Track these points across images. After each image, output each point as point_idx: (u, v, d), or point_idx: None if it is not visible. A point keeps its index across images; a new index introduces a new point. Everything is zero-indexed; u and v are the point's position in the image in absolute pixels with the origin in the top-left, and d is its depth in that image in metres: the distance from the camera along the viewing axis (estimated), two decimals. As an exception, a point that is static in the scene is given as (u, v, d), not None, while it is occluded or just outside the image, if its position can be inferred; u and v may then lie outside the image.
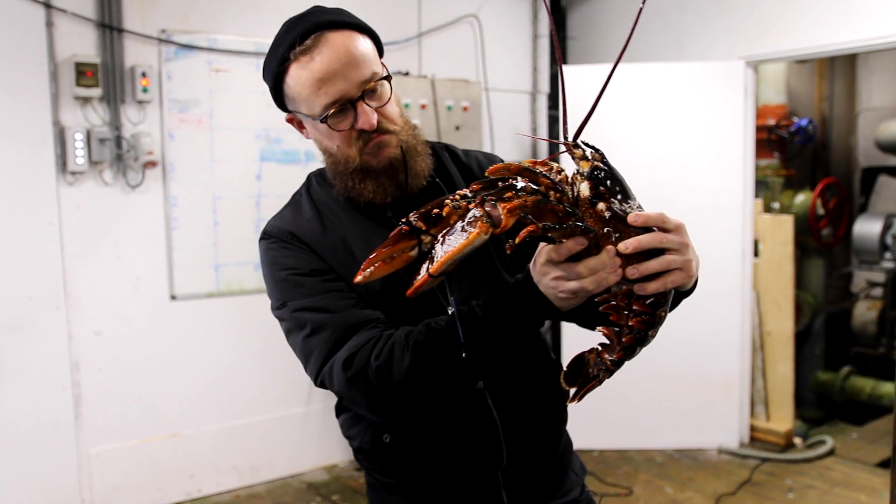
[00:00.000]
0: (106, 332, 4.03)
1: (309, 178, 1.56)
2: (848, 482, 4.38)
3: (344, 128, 1.36)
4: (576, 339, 4.75)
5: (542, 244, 1.17)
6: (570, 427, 1.63)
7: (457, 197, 1.11)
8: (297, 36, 1.34)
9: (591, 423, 4.70)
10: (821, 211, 5.68)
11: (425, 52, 4.92)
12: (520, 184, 1.09)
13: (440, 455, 1.46)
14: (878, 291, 6.04)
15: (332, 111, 1.34)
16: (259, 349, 4.43)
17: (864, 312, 5.89)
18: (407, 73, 4.72)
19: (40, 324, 3.85)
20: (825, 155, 6.66)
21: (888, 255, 5.68)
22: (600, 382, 1.27)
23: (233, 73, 4.28)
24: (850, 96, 6.77)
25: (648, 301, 1.19)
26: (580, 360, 1.27)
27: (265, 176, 4.44)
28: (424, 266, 1.08)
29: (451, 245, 1.06)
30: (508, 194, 1.07)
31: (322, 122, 1.35)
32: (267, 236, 1.47)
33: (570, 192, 1.14)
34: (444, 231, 1.08)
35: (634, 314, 1.20)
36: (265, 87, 1.44)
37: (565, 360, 1.82)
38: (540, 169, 1.12)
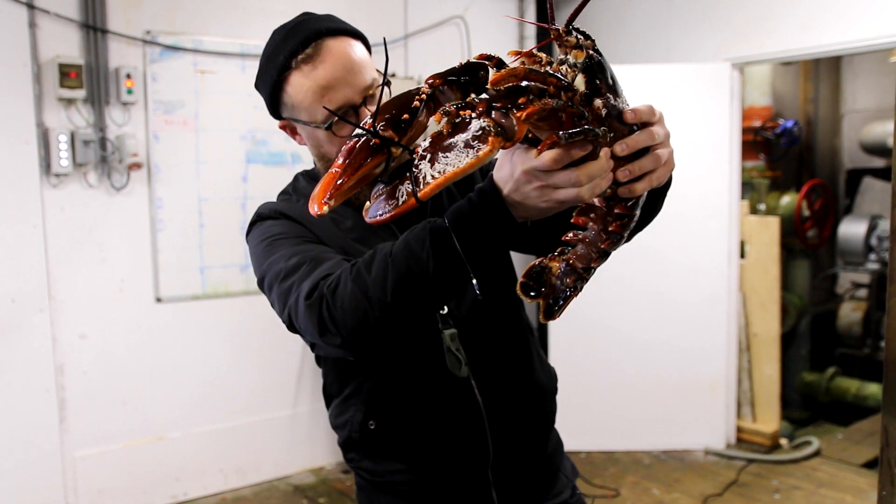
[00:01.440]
0: (91, 334, 4.01)
1: (296, 176, 1.58)
2: (834, 483, 4.40)
3: (346, 134, 1.36)
4: (565, 339, 4.75)
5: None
6: (557, 428, 1.63)
7: (449, 107, 0.94)
8: (297, 44, 1.35)
9: (578, 424, 4.70)
10: (806, 212, 5.70)
11: (412, 54, 4.91)
12: (526, 86, 0.93)
13: (426, 444, 1.46)
14: (862, 292, 6.07)
15: (335, 119, 1.35)
16: (245, 352, 4.42)
17: (850, 313, 5.92)
18: (393, 75, 4.71)
19: (24, 326, 3.81)
20: (810, 157, 6.68)
21: (873, 256, 5.71)
22: (578, 292, 1.14)
23: (218, 75, 4.26)
24: (834, 98, 6.80)
25: (629, 203, 1.09)
26: (541, 269, 1.12)
27: (251, 178, 4.42)
28: (406, 187, 0.93)
29: (450, 164, 0.90)
30: (522, 100, 0.91)
31: (327, 129, 1.36)
32: (259, 218, 1.47)
33: (577, 90, 0.98)
34: (435, 145, 0.92)
35: (615, 218, 1.10)
36: (251, 89, 1.44)
37: (554, 359, 1.82)
38: (546, 68, 0.97)
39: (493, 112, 0.91)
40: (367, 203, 0.99)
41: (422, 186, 0.90)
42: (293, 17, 1.42)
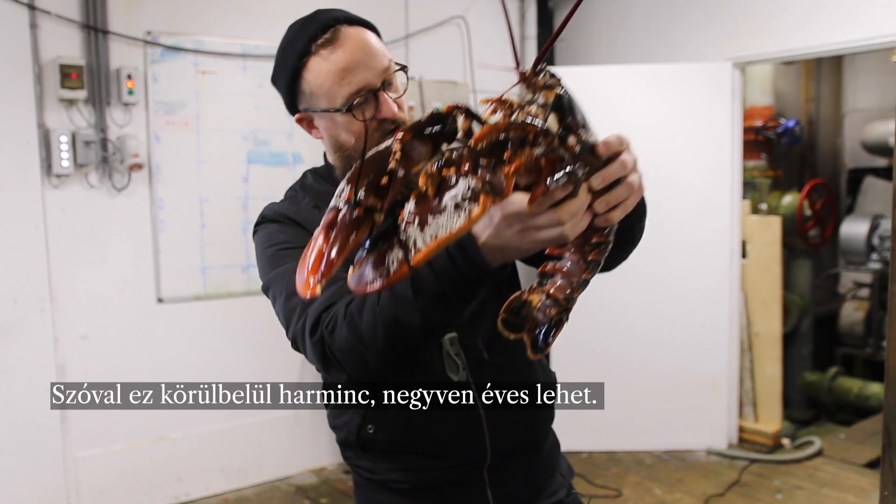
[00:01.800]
0: (92, 335, 4.00)
1: (305, 174, 1.58)
2: (836, 483, 4.39)
3: (366, 117, 1.38)
4: (567, 339, 4.74)
5: None
6: (559, 428, 1.63)
7: (432, 168, 0.91)
8: (316, 30, 1.37)
9: (580, 424, 4.70)
10: (808, 212, 5.70)
11: (412, 54, 4.91)
12: (507, 138, 0.93)
13: (424, 447, 1.46)
14: (864, 292, 6.06)
15: (356, 101, 1.36)
16: (246, 352, 4.41)
17: (851, 313, 5.91)
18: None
19: (25, 327, 3.81)
20: (812, 156, 6.68)
21: (875, 255, 5.70)
22: (563, 324, 1.14)
23: (219, 75, 4.25)
24: (836, 98, 6.79)
25: (605, 230, 1.11)
26: (521, 303, 1.13)
27: (252, 178, 4.42)
28: (396, 254, 0.89)
29: (442, 227, 0.87)
30: (507, 154, 0.91)
31: (347, 111, 1.37)
32: (263, 220, 1.48)
33: (554, 133, 0.98)
34: (423, 208, 0.89)
35: (593, 247, 1.12)
36: (252, 89, 1.45)
37: (555, 359, 1.81)
38: (521, 118, 0.96)
39: (480, 170, 0.89)
40: (351, 268, 0.96)
41: (413, 252, 0.88)
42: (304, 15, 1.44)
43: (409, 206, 0.90)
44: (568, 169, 0.96)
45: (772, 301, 5.00)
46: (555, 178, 0.94)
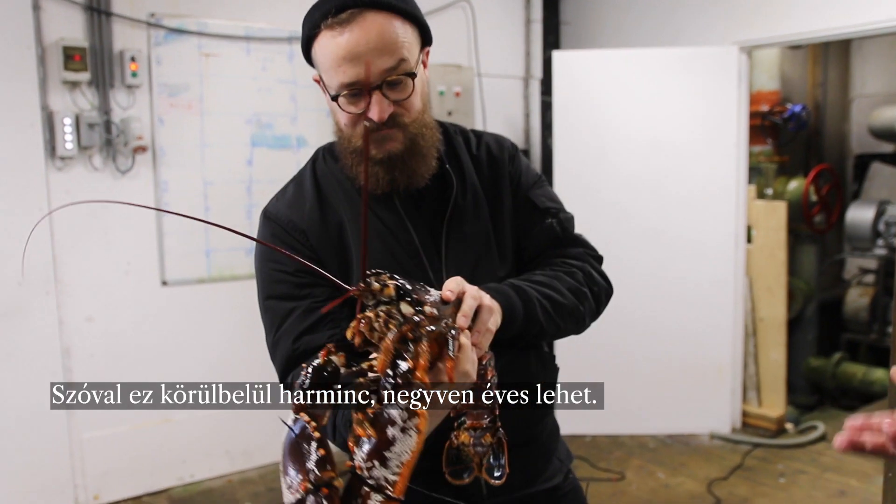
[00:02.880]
0: (97, 318, 4.01)
1: (317, 152, 1.55)
2: (839, 467, 4.40)
3: (353, 111, 1.33)
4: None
5: None
6: (563, 412, 1.62)
7: (360, 416, 0.95)
8: (334, 5, 1.29)
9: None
10: (814, 197, 5.68)
11: (418, 37, 4.88)
12: (398, 354, 1.00)
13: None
14: (870, 278, 6.05)
15: (345, 92, 1.32)
16: (250, 334, 4.39)
17: (856, 299, 5.90)
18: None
19: (31, 310, 3.82)
20: (818, 141, 6.65)
21: (880, 241, 5.69)
22: (505, 440, 1.25)
23: (223, 58, 4.24)
24: (843, 83, 6.75)
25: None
26: (456, 450, 1.25)
27: (256, 161, 4.41)
28: (375, 499, 0.90)
29: (403, 453, 0.91)
30: (406, 364, 0.98)
31: (333, 99, 1.34)
32: (268, 217, 1.47)
33: (421, 318, 1.06)
34: (375, 449, 0.92)
35: (484, 367, 1.21)
36: (256, 72, 1.44)
37: (559, 343, 1.82)
38: (380, 320, 1.05)
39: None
40: None
41: (391, 488, 0.90)
42: None
43: (359, 453, 0.92)
44: (452, 333, 1.06)
45: (777, 286, 4.99)
46: (450, 349, 1.04)
